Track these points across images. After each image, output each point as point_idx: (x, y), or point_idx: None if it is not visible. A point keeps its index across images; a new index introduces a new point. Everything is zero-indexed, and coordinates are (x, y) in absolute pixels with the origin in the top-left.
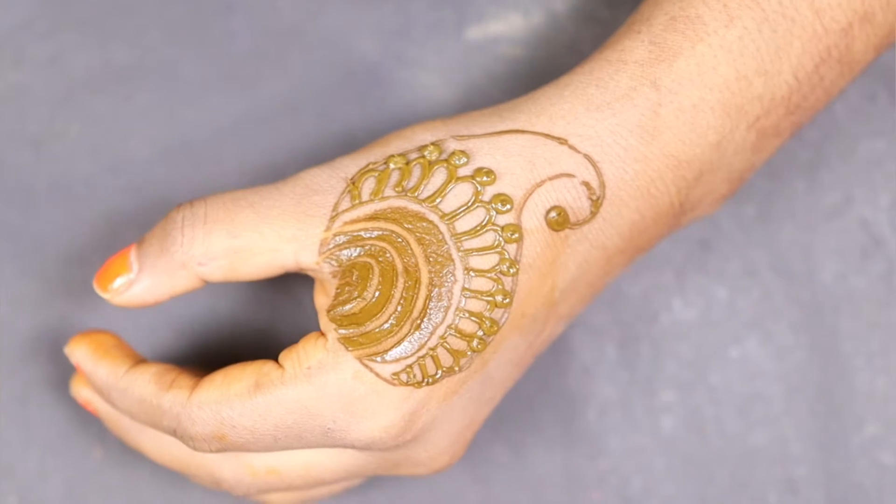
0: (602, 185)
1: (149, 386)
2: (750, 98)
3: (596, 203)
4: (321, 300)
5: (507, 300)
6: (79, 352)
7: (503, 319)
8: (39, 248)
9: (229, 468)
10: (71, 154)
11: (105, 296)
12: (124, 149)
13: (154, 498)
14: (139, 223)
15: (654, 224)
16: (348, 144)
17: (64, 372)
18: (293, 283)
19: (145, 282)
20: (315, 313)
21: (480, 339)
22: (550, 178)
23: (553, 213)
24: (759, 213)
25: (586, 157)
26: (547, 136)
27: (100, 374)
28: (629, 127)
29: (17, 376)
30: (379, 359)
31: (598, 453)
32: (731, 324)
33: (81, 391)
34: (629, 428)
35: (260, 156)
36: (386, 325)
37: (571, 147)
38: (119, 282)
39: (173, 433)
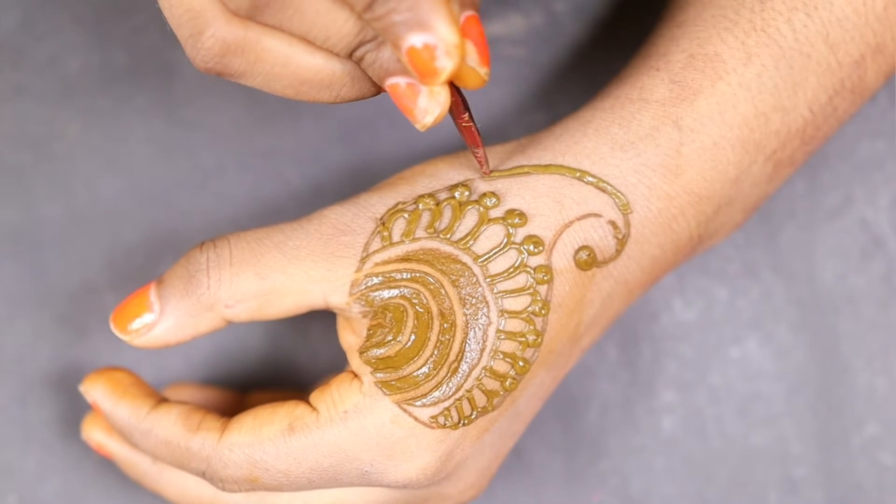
0: (627, 223)
1: (175, 427)
2: (767, 133)
3: (621, 241)
4: (348, 338)
5: (539, 339)
6: (95, 391)
7: (534, 358)
8: (38, 248)
9: None
10: (71, 154)
11: (125, 337)
12: (124, 149)
13: (153, 498)
14: (139, 223)
15: (674, 256)
16: (349, 144)
17: (64, 374)
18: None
19: (168, 323)
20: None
21: (513, 378)
22: (578, 219)
23: (582, 254)
24: (759, 213)
25: (612, 196)
26: (573, 175)
27: (120, 414)
28: (652, 166)
29: (17, 376)
30: (418, 403)
31: (598, 453)
32: (731, 324)
33: (94, 434)
34: (629, 428)
35: (259, 156)
36: (424, 370)
37: (598, 187)
38: (139, 323)
39: (202, 475)
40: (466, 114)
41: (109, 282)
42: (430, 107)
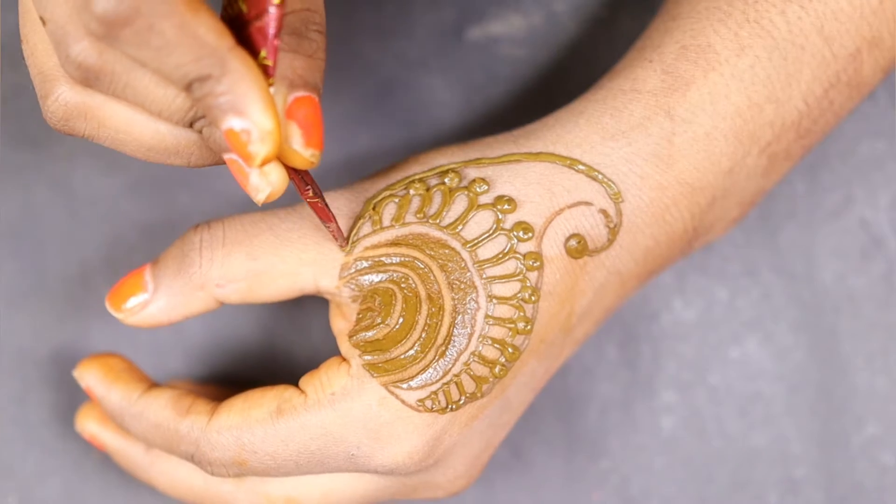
0: (619, 212)
1: (165, 411)
2: (761, 125)
3: (613, 230)
4: (339, 324)
5: (529, 327)
6: (89, 376)
7: (524, 346)
8: (39, 248)
9: (246, 499)
10: (71, 154)
11: (118, 315)
12: None
13: (153, 498)
14: (140, 223)
15: (668, 249)
16: (349, 143)
17: (63, 373)
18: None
19: (161, 302)
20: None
21: (503, 365)
22: (569, 206)
23: (573, 242)
24: (759, 214)
25: (603, 184)
26: (564, 163)
27: (112, 398)
28: (644, 156)
29: (17, 376)
30: (405, 385)
31: (598, 453)
32: (731, 324)
33: (87, 426)
34: (629, 428)
35: None
36: (411, 352)
37: (589, 175)
38: (133, 302)
39: (191, 458)
40: (310, 189)
41: (109, 281)
42: (260, 185)
